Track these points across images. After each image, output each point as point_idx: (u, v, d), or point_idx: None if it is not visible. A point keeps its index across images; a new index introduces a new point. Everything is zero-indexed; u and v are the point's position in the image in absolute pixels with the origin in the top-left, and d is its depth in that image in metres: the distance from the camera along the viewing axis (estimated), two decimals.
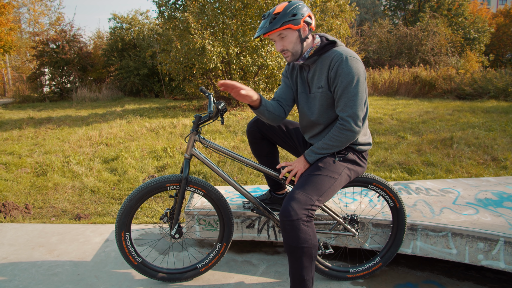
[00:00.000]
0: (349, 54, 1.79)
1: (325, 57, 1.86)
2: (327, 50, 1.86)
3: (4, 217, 3.34)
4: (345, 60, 1.77)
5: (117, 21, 16.08)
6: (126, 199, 2.00)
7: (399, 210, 2.12)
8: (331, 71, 1.81)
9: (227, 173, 4.45)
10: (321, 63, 1.87)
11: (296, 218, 1.69)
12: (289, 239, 1.72)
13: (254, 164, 2.11)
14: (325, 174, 1.84)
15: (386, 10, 26.82)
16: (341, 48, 1.85)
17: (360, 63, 1.82)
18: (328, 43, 1.88)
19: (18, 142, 6.42)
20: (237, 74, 9.32)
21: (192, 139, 2.06)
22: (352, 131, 1.83)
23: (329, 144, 1.87)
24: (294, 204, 1.71)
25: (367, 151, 2.03)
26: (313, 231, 1.75)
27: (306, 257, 1.73)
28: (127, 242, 2.04)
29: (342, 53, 1.80)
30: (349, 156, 1.93)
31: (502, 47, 22.21)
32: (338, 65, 1.78)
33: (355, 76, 1.77)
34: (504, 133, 5.94)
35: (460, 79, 12.10)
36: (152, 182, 2.00)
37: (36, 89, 15.30)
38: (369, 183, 2.09)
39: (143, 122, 7.86)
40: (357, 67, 1.78)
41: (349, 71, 1.77)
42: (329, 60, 1.83)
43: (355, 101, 1.80)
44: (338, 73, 1.78)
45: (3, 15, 12.66)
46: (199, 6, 9.43)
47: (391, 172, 4.31)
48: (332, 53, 1.83)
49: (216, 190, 2.11)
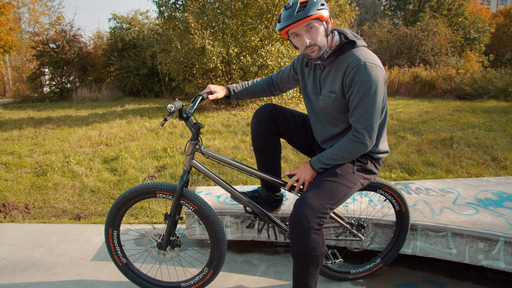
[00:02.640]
0: (368, 60, 1.65)
1: (342, 59, 1.71)
2: (345, 50, 1.71)
3: (4, 217, 3.34)
4: (363, 67, 1.63)
5: (117, 21, 16.08)
6: (117, 198, 1.96)
7: (404, 214, 2.11)
8: (347, 78, 1.67)
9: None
10: (337, 66, 1.73)
11: (308, 227, 1.61)
12: (298, 246, 1.66)
13: (259, 173, 1.99)
14: (342, 182, 1.74)
15: (386, 10, 26.82)
16: (360, 51, 1.69)
17: (379, 69, 1.66)
18: (347, 43, 1.71)
19: (18, 142, 6.42)
20: (237, 74, 9.32)
21: (192, 150, 1.89)
22: (365, 144, 1.71)
23: (338, 156, 1.76)
24: (307, 211, 1.62)
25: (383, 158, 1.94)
26: (323, 239, 1.69)
27: (312, 265, 1.69)
28: (114, 240, 2.02)
29: (361, 58, 1.64)
30: (367, 166, 1.83)
31: (502, 47, 22.21)
32: (355, 73, 1.64)
33: (373, 84, 1.63)
34: (504, 133, 5.94)
35: (460, 79, 12.10)
36: (142, 186, 1.91)
37: (36, 89, 15.31)
38: (378, 188, 2.07)
39: (143, 122, 7.86)
40: (375, 75, 1.63)
41: (367, 79, 1.62)
42: (346, 64, 1.68)
43: (372, 113, 1.66)
44: (354, 81, 1.64)
45: (3, 15, 12.66)
46: (199, 6, 9.43)
47: (391, 172, 4.31)
48: (349, 57, 1.68)
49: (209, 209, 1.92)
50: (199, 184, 4.15)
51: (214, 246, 1.94)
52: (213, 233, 1.92)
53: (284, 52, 9.22)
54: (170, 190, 1.89)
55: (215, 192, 2.76)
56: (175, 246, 1.99)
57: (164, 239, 1.96)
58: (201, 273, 2.00)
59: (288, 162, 4.84)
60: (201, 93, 1.99)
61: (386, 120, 1.83)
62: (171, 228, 1.95)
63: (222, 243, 1.93)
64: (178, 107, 1.76)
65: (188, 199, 1.90)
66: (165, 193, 1.90)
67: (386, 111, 1.81)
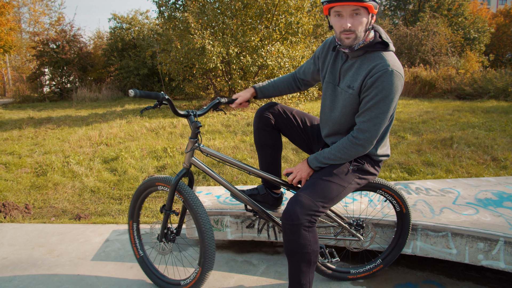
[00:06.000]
0: (396, 68, 1.62)
1: (369, 57, 1.69)
2: (375, 50, 1.68)
3: (4, 217, 3.34)
4: (390, 73, 1.61)
5: (117, 21, 16.07)
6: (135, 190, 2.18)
7: (405, 215, 2.11)
8: (369, 78, 1.65)
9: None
10: (362, 62, 1.70)
11: (298, 223, 1.64)
12: (289, 243, 1.68)
13: (258, 172, 2.01)
14: (335, 181, 1.75)
15: (386, 10, 26.80)
16: (390, 56, 1.67)
17: (402, 80, 1.66)
18: (380, 42, 1.69)
19: (18, 142, 6.42)
20: (237, 74, 9.31)
21: (191, 147, 1.94)
22: (363, 147, 1.72)
23: (336, 156, 1.76)
24: (298, 208, 1.65)
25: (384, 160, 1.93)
26: (314, 236, 1.70)
27: (304, 262, 1.70)
28: (134, 232, 2.23)
29: (389, 64, 1.62)
30: (364, 167, 1.83)
31: (502, 47, 22.20)
32: (379, 76, 1.62)
33: (393, 93, 1.62)
34: (504, 133, 5.94)
35: (460, 79, 12.10)
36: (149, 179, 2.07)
37: (36, 89, 15.29)
38: (378, 188, 2.07)
39: (143, 122, 7.86)
40: (397, 84, 1.63)
41: (389, 86, 1.61)
42: (372, 64, 1.66)
43: (381, 119, 1.67)
44: (376, 84, 1.63)
45: (3, 15, 12.66)
46: (199, 6, 9.43)
47: (391, 172, 4.31)
48: (377, 58, 1.66)
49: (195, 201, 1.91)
50: (199, 184, 4.16)
51: (200, 240, 1.91)
52: (197, 225, 1.88)
53: (284, 52, 9.21)
54: (168, 183, 1.98)
55: (215, 192, 2.76)
56: (169, 241, 2.06)
57: (161, 231, 2.06)
58: (194, 271, 2.01)
59: (288, 162, 4.84)
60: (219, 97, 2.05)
61: (390, 127, 1.83)
62: (167, 220, 2.05)
63: (206, 236, 1.86)
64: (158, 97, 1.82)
65: (178, 191, 1.96)
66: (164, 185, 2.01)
67: (393, 119, 1.81)
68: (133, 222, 2.22)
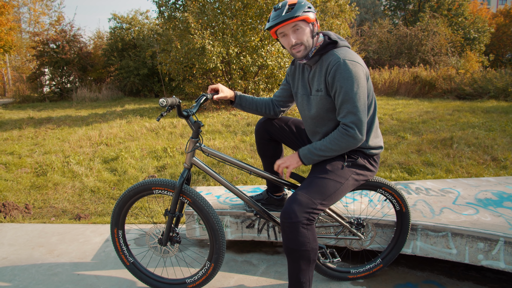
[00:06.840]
0: (347, 58, 1.72)
1: (324, 58, 1.80)
2: (328, 50, 1.80)
3: (4, 217, 3.34)
4: (343, 64, 1.70)
5: (117, 21, 16.08)
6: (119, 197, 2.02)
7: (405, 214, 2.11)
8: (329, 76, 1.75)
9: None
10: (321, 65, 1.81)
11: (296, 221, 1.67)
12: (288, 241, 1.70)
13: (258, 172, 2.03)
14: (331, 178, 1.78)
15: (386, 10, 26.82)
16: (340, 51, 1.77)
17: (359, 65, 1.73)
18: (329, 43, 1.80)
19: (18, 142, 6.42)
20: (237, 74, 9.32)
21: (192, 147, 1.94)
22: (354, 138, 1.74)
23: (327, 147, 1.79)
24: (296, 206, 1.68)
25: (379, 154, 1.95)
26: (313, 234, 1.72)
27: (303, 260, 1.72)
28: (120, 240, 2.08)
29: (340, 56, 1.72)
30: (359, 161, 1.86)
31: (502, 47, 22.20)
32: (335, 70, 1.71)
33: (355, 80, 1.69)
34: (504, 133, 5.94)
35: (460, 79, 12.09)
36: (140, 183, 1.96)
37: (36, 89, 15.30)
38: (378, 187, 2.07)
39: (143, 122, 7.86)
40: (356, 71, 1.70)
41: (348, 75, 1.69)
42: (327, 63, 1.76)
43: (358, 107, 1.71)
44: (336, 78, 1.71)
45: (3, 15, 12.66)
46: (199, 6, 9.43)
47: (391, 172, 4.31)
48: (330, 56, 1.77)
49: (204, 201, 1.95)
50: (199, 184, 4.16)
51: (212, 239, 1.96)
52: (209, 224, 1.93)
53: (284, 52, 9.21)
54: (170, 187, 1.94)
55: (215, 192, 2.76)
56: (175, 242, 2.03)
57: (165, 234, 2.01)
58: (204, 267, 2.03)
59: None
60: (205, 93, 2.03)
61: (375, 116, 1.88)
62: (171, 223, 2.00)
63: (219, 234, 1.94)
64: (174, 103, 1.78)
65: (184, 193, 1.95)
66: (164, 189, 1.96)
67: (375, 107, 1.87)
68: (118, 229, 2.06)
